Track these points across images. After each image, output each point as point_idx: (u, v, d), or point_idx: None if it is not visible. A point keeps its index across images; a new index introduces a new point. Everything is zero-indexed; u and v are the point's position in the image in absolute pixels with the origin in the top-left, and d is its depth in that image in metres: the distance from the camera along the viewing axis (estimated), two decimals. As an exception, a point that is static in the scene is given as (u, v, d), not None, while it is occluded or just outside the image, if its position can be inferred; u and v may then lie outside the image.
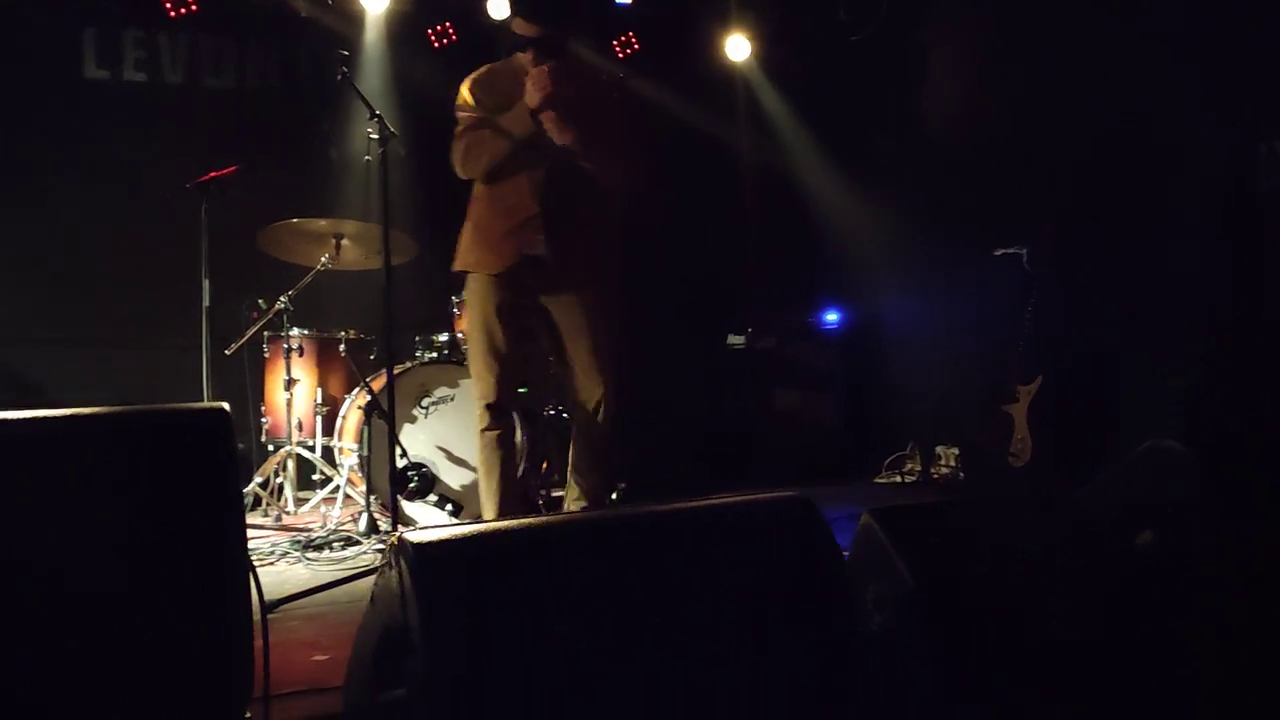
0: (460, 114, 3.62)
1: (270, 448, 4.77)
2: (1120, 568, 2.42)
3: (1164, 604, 2.35)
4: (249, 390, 4.86)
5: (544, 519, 1.91)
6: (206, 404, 1.72)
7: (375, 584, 1.83)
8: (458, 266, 3.71)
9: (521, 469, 4.42)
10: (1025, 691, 2.15)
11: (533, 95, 3.42)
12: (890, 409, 6.10)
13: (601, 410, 3.64)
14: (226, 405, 1.69)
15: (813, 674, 1.96)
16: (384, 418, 4.06)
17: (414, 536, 1.76)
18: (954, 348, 5.65)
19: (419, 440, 4.29)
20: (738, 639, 1.91)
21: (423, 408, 4.33)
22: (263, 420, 4.80)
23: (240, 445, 4.68)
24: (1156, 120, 4.64)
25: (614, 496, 4.62)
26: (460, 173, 3.62)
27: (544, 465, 4.82)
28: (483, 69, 3.70)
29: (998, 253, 5.32)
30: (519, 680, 1.70)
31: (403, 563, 1.75)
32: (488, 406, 3.62)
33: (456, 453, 4.33)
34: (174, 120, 5.44)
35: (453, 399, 4.36)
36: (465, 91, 3.63)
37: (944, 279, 5.74)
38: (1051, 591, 2.34)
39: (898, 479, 5.67)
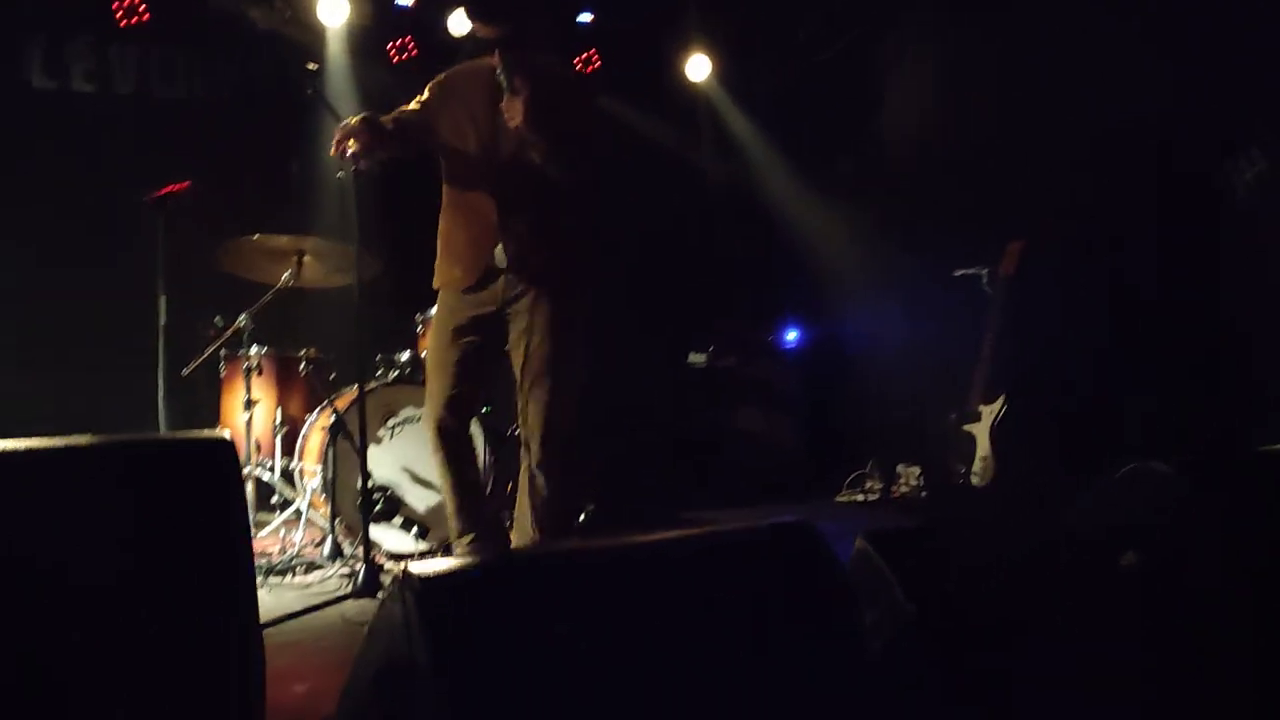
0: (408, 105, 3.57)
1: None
2: (1109, 587, 2.44)
3: (1153, 624, 2.36)
4: (205, 411, 4.74)
5: (549, 549, 1.85)
6: (209, 433, 1.66)
7: (376, 616, 1.77)
8: (435, 283, 3.61)
9: (487, 491, 4.36)
10: (1028, 715, 2.14)
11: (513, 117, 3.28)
12: (851, 428, 6.12)
13: (537, 449, 3.40)
14: (228, 433, 1.63)
15: (820, 704, 1.93)
16: (349, 439, 3.98)
17: (420, 569, 1.70)
18: (915, 367, 5.69)
19: (384, 462, 4.20)
20: (745, 670, 1.87)
21: (388, 428, 4.24)
22: (218, 441, 4.66)
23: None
24: (1124, 136, 4.71)
25: (581, 518, 4.57)
26: None
27: (509, 487, 4.75)
28: (446, 72, 3.61)
29: (958, 273, 5.39)
30: (529, 714, 1.66)
31: (409, 596, 1.69)
32: (435, 429, 3.50)
33: (422, 474, 4.25)
34: (125, 132, 5.29)
35: (418, 419, 4.27)
36: (426, 89, 3.59)
37: (904, 299, 5.79)
38: (1047, 612, 2.35)
39: (859, 497, 5.69)
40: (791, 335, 6.37)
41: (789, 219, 6.39)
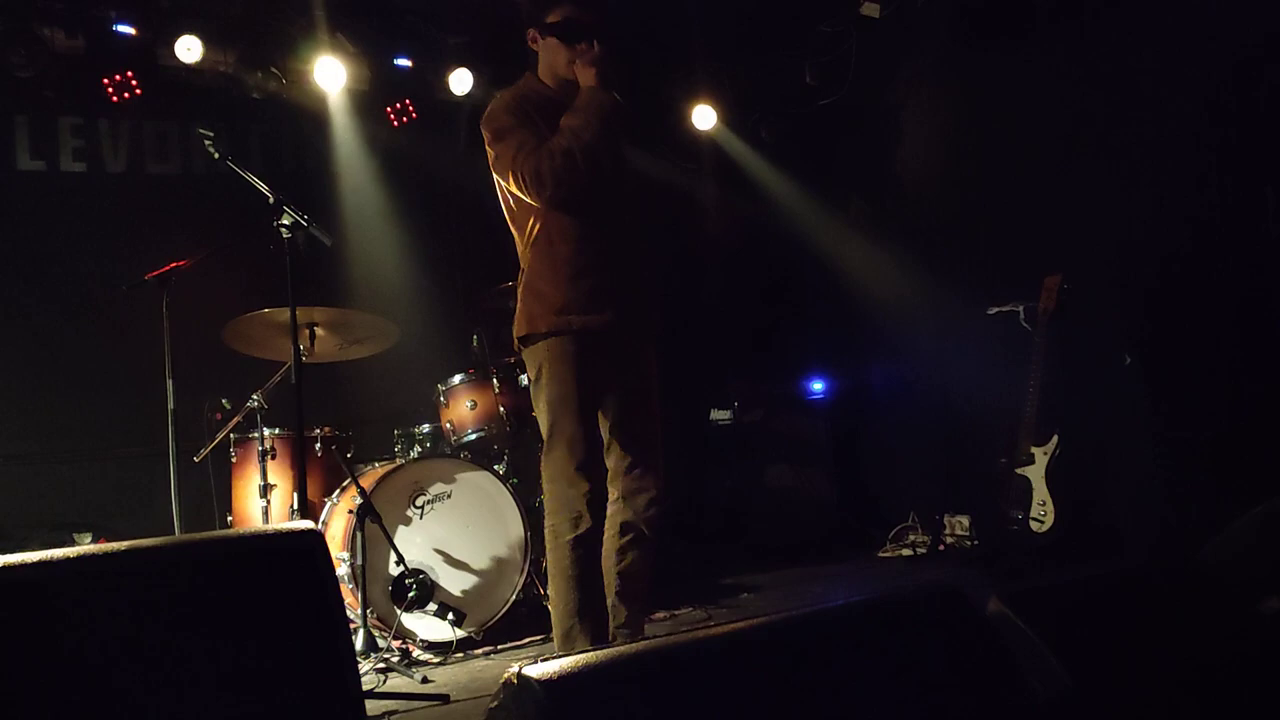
0: (505, 135, 2.97)
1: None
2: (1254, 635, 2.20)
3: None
4: (214, 500, 4.46)
5: (671, 638, 1.59)
6: (298, 525, 1.45)
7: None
8: (527, 329, 3.02)
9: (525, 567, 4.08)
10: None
11: (589, 72, 2.95)
12: (885, 479, 5.88)
13: (648, 511, 3.06)
14: (313, 524, 1.40)
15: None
16: (378, 521, 3.71)
17: (536, 672, 1.45)
18: (952, 411, 5.46)
19: (415, 544, 3.91)
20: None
21: (417, 508, 3.96)
22: (231, 531, 4.36)
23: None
24: (1152, 168, 4.57)
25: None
26: (548, 194, 2.91)
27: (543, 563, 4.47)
28: (507, 93, 3.10)
29: (992, 311, 5.19)
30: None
31: (528, 703, 1.43)
32: (586, 501, 2.94)
33: (456, 555, 3.97)
34: (117, 211, 5.05)
35: (449, 496, 4.00)
36: (502, 112, 3.01)
37: (935, 341, 5.59)
38: (1201, 671, 2.10)
39: (905, 552, 5.42)
40: (818, 386, 6.14)
41: (808, 265, 6.20)
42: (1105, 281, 4.76)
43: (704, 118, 6.10)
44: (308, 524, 1.44)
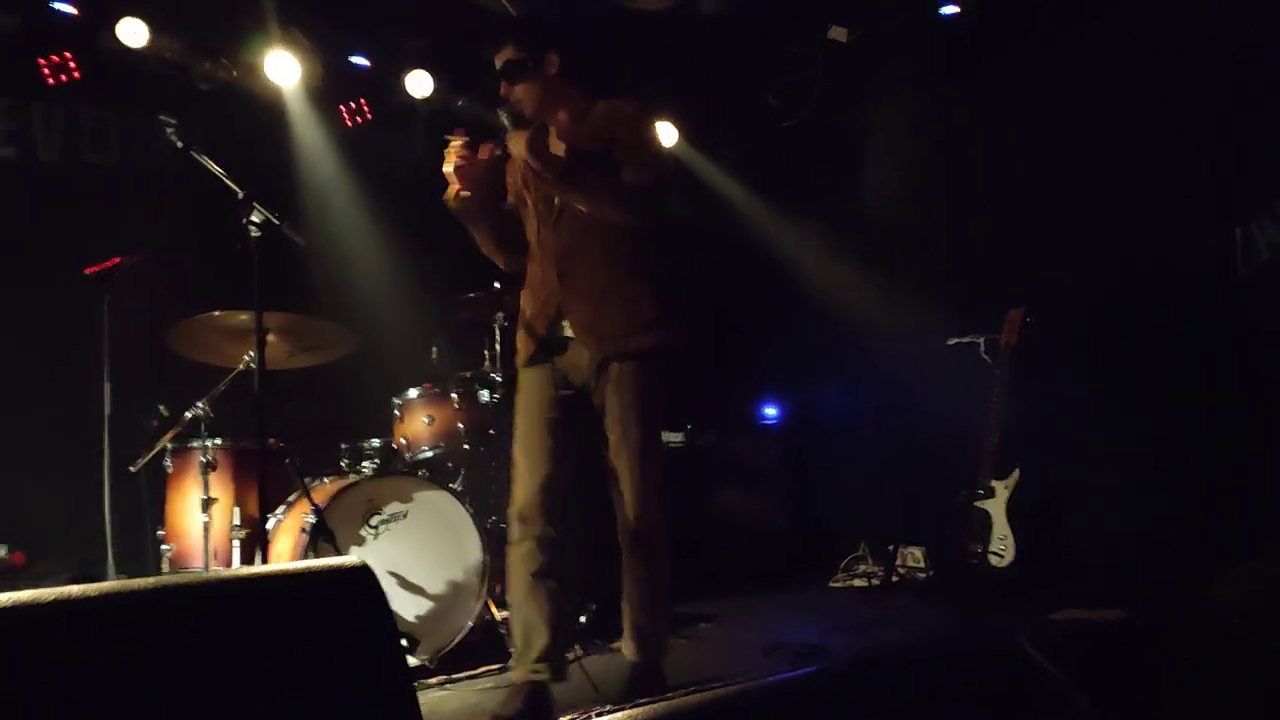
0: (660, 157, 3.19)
1: (171, 579, 4.05)
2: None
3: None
4: (146, 513, 4.17)
5: (733, 689, 1.46)
6: (346, 560, 1.29)
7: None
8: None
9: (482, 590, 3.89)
10: None
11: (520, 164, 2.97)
12: (837, 507, 5.82)
13: (630, 541, 3.12)
14: (361, 560, 1.24)
15: None
16: (332, 541, 3.49)
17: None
18: (909, 441, 5.42)
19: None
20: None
21: (371, 527, 3.75)
22: (164, 548, 4.07)
23: (120, 575, 3.98)
24: (1121, 204, 4.60)
25: (582, 620, 4.11)
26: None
27: (497, 587, 4.28)
28: None
29: (951, 342, 5.17)
30: None
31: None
32: (516, 517, 3.12)
33: (411, 579, 3.77)
34: (50, 201, 4.73)
35: (405, 516, 3.80)
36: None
37: (892, 370, 5.55)
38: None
39: (857, 582, 5.35)
40: (771, 411, 6.06)
41: (767, 288, 6.12)
42: (1069, 316, 4.78)
43: (665, 136, 5.99)
44: (358, 561, 1.28)
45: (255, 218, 2.98)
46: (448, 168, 2.94)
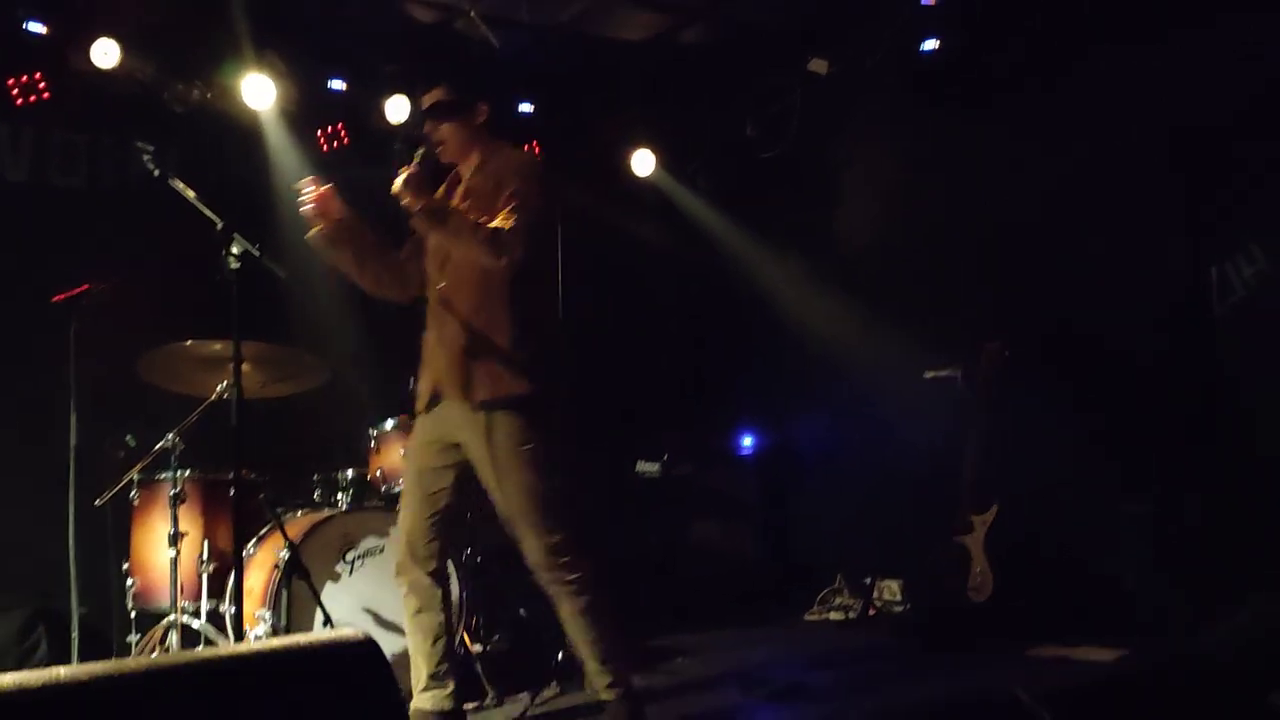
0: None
1: (133, 615, 3.94)
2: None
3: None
4: (109, 546, 4.05)
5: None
6: (347, 632, 1.22)
7: None
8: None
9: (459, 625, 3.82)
10: None
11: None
12: (813, 539, 5.79)
13: (547, 571, 3.10)
14: (365, 633, 1.17)
15: None
16: (306, 578, 3.41)
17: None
18: (886, 474, 5.40)
19: (343, 603, 3.61)
20: None
21: (347, 563, 3.67)
22: (129, 582, 3.96)
23: (83, 610, 3.86)
24: (1099, 240, 4.63)
25: (559, 658, 4.04)
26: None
27: (474, 620, 4.21)
28: None
29: (929, 375, 5.17)
30: None
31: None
32: (395, 567, 3.27)
33: (387, 615, 3.69)
34: (15, 223, 4.61)
35: (382, 551, 3.73)
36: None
37: (869, 402, 5.54)
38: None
39: (833, 615, 5.31)
40: (748, 441, 6.03)
41: (745, 318, 6.10)
42: (1047, 350, 4.79)
43: (643, 163, 5.98)
44: (359, 633, 1.21)
45: (235, 248, 2.90)
46: (304, 210, 3.07)
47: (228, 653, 1.15)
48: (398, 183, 2.95)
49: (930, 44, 5.09)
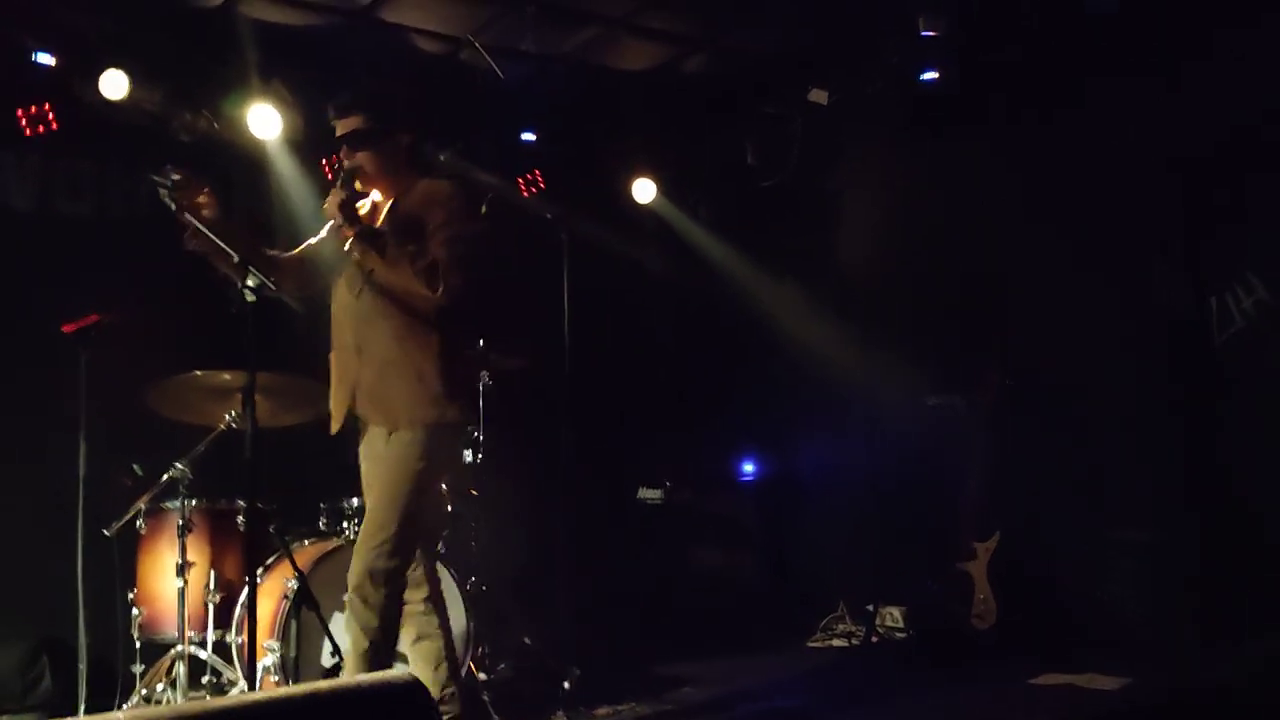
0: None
1: (139, 645, 3.93)
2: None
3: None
4: (116, 575, 4.04)
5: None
6: (394, 673, 1.23)
7: None
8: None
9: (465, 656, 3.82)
10: None
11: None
12: (814, 565, 5.79)
13: (355, 590, 3.13)
14: (411, 674, 1.20)
15: None
16: (316, 609, 3.40)
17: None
18: (888, 500, 5.43)
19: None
20: None
21: (355, 593, 3.65)
22: (134, 612, 3.94)
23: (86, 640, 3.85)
24: (1099, 269, 4.67)
25: (566, 686, 4.04)
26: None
27: (479, 649, 4.21)
28: None
29: (931, 402, 5.21)
30: None
31: None
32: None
33: (398, 646, 3.66)
34: (22, 251, 4.62)
35: (390, 581, 3.70)
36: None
37: (870, 428, 5.57)
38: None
39: (836, 642, 5.31)
40: (749, 467, 6.05)
41: (744, 345, 6.14)
42: (1048, 378, 4.83)
43: (644, 191, 6.02)
44: (406, 673, 1.23)
45: (251, 282, 2.92)
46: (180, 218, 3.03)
47: (281, 694, 1.16)
48: (330, 205, 3.03)
49: (930, 74, 5.15)
